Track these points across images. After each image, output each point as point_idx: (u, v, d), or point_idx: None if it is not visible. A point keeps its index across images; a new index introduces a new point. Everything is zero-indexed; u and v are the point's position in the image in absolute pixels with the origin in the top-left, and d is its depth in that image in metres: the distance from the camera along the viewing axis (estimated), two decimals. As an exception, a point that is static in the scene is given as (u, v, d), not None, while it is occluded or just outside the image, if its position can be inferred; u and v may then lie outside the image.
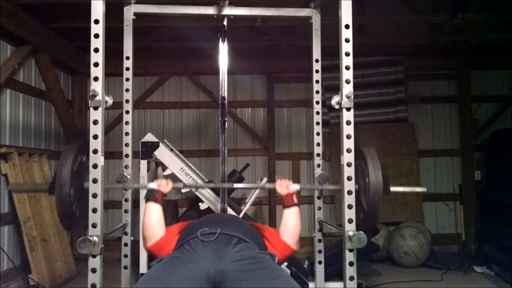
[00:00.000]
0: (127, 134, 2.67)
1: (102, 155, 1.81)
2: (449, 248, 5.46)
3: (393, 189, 2.09)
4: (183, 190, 4.12)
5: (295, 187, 2.22)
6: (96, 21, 1.83)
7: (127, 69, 2.68)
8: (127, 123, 2.68)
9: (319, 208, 2.81)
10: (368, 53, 5.55)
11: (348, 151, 1.94)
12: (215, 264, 1.66)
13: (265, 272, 1.67)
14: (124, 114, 2.69)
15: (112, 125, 5.43)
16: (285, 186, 2.21)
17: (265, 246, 1.98)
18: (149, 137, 4.09)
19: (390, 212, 5.41)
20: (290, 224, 2.10)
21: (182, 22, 4.39)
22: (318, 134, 2.84)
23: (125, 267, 2.60)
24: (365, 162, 2.02)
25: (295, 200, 2.17)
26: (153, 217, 2.06)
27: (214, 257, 1.69)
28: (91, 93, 1.79)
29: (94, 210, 1.78)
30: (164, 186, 2.17)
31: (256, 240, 1.91)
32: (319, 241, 2.79)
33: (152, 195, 2.13)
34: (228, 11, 2.78)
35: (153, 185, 2.17)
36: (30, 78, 4.57)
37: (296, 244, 2.08)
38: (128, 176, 2.63)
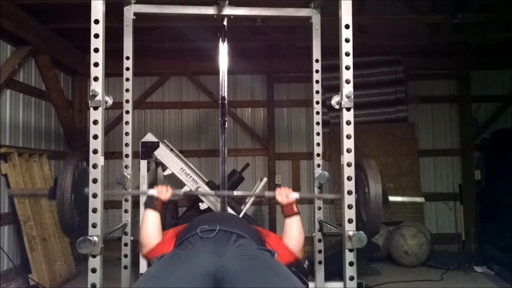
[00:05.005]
0: (127, 134, 2.67)
1: (102, 155, 1.82)
2: (449, 248, 5.47)
3: (391, 199, 2.08)
4: (183, 190, 4.12)
5: (294, 195, 2.20)
6: (96, 21, 1.83)
7: (127, 69, 2.69)
8: (127, 123, 2.68)
9: (319, 208, 2.81)
10: (368, 53, 5.54)
11: (348, 151, 1.95)
12: (216, 259, 1.66)
13: (266, 268, 1.67)
14: (124, 114, 2.70)
15: (112, 125, 5.43)
16: (285, 195, 2.19)
17: (264, 244, 1.98)
18: (149, 137, 4.09)
19: (390, 211, 5.41)
20: (293, 234, 2.09)
21: (182, 22, 4.39)
22: (318, 134, 2.85)
23: (125, 267, 2.60)
24: (365, 174, 2.01)
25: (295, 209, 2.16)
26: (150, 225, 2.06)
27: (215, 253, 1.69)
28: (91, 93, 1.79)
29: (94, 210, 1.79)
30: (164, 193, 2.17)
31: (254, 237, 1.91)
32: (319, 241, 2.79)
33: (151, 202, 2.14)
34: (228, 11, 2.79)
35: (153, 192, 2.17)
36: (30, 78, 4.56)
37: (300, 252, 2.08)
38: (128, 176, 2.63)
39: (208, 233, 1.79)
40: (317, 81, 2.86)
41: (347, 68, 1.95)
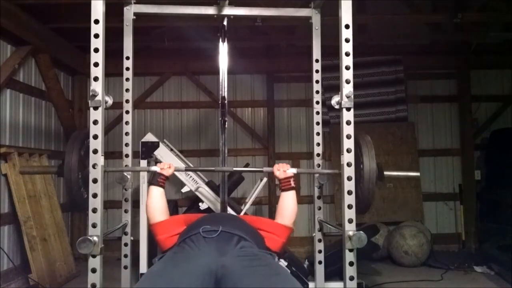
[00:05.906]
0: (127, 134, 2.67)
1: (102, 155, 1.82)
2: (449, 248, 5.47)
3: (387, 173, 2.15)
4: (183, 190, 4.13)
5: (292, 171, 2.32)
6: (96, 21, 1.83)
7: (127, 69, 2.69)
8: (127, 123, 2.68)
9: (319, 208, 2.81)
10: (368, 53, 5.54)
11: (348, 151, 1.95)
12: (217, 259, 1.68)
13: (266, 269, 1.69)
14: (124, 114, 2.70)
15: (112, 125, 5.43)
16: (282, 170, 2.31)
17: (264, 244, 2.00)
18: (149, 137, 4.10)
19: (390, 211, 5.41)
20: (287, 207, 2.21)
21: (182, 22, 4.39)
22: (318, 134, 2.85)
23: (125, 267, 2.60)
24: (361, 150, 2.05)
25: (293, 183, 2.28)
26: (154, 199, 2.20)
27: (216, 252, 1.71)
28: (91, 93, 1.79)
29: (94, 210, 1.79)
30: (167, 169, 2.28)
31: (256, 239, 1.94)
32: (319, 241, 2.79)
33: (155, 179, 2.25)
34: (228, 11, 2.79)
35: (155, 168, 2.27)
36: (30, 78, 4.56)
37: (293, 224, 2.20)
38: (128, 176, 2.64)
39: (211, 233, 1.81)
40: (317, 81, 2.86)
41: (347, 68, 1.95)
